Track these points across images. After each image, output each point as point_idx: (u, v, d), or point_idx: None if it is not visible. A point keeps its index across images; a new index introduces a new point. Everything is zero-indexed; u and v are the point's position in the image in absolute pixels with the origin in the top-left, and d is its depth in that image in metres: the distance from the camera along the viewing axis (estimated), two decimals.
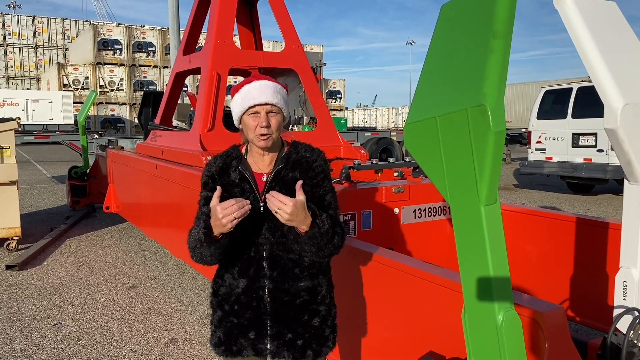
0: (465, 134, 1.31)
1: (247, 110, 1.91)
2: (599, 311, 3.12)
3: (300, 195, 1.78)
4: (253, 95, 1.89)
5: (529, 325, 1.67)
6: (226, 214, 1.74)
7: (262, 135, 1.88)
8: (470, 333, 1.45)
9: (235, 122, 2.00)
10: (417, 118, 1.48)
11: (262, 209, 1.90)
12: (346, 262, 2.64)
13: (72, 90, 35.45)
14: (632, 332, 1.79)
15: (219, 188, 1.81)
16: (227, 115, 5.95)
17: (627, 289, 1.93)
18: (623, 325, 1.85)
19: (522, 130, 19.22)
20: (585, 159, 10.63)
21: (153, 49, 38.80)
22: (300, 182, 1.82)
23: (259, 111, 1.89)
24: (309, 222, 1.79)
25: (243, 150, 2.04)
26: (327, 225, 1.82)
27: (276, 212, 1.76)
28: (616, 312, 1.93)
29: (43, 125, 31.95)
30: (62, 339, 4.07)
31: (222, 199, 1.90)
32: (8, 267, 5.87)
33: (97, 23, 39.44)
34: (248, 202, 1.78)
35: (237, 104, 1.94)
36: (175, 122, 7.36)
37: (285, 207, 1.74)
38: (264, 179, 1.96)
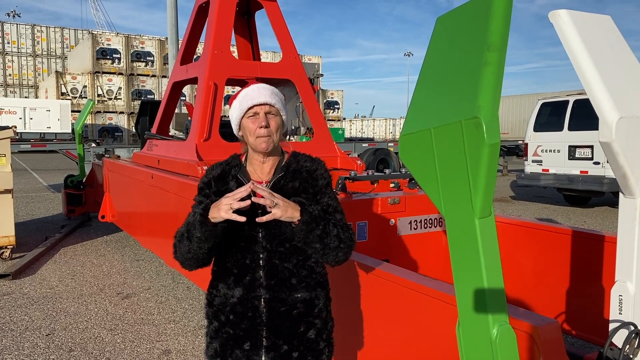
0: (459, 147, 1.30)
1: (246, 112, 1.91)
2: (595, 325, 3.10)
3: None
4: (251, 97, 1.90)
5: (523, 339, 1.65)
6: (227, 201, 1.73)
7: (262, 136, 1.87)
8: (464, 347, 1.44)
9: (235, 130, 1.99)
10: (411, 130, 1.47)
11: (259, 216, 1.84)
12: (341, 274, 2.62)
13: (70, 99, 35.52)
14: (627, 346, 1.78)
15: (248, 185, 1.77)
16: (224, 125, 5.95)
17: (622, 303, 1.91)
18: (619, 339, 1.84)
19: (519, 142, 19.30)
20: (581, 172, 10.65)
21: (151, 58, 38.95)
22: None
23: (258, 112, 1.89)
24: (298, 211, 1.77)
25: (243, 159, 2.04)
26: (317, 211, 1.81)
27: (272, 207, 1.73)
28: (612, 326, 1.92)
29: (40, 133, 31.95)
30: (54, 349, 4.03)
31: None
32: (1, 276, 5.83)
33: (96, 32, 39.61)
34: (248, 201, 1.75)
35: (236, 108, 1.94)
36: (172, 132, 7.36)
37: (276, 198, 1.74)
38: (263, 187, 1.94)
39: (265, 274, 1.88)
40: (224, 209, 1.72)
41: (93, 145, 16.01)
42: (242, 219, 1.73)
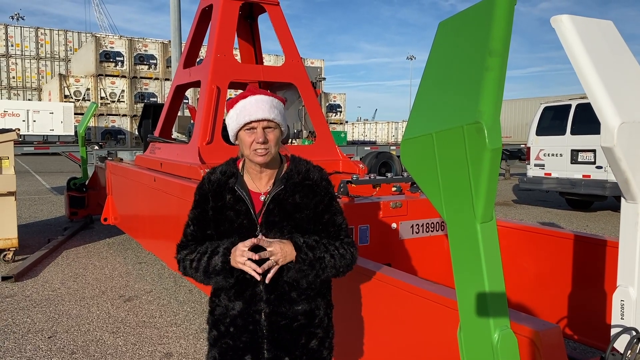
0: (461, 151, 1.31)
1: (243, 126, 1.87)
2: (596, 330, 3.09)
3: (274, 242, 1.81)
4: (249, 111, 1.85)
5: (525, 344, 1.65)
6: (240, 253, 1.79)
7: (258, 151, 1.84)
8: (465, 351, 1.44)
9: (232, 138, 1.96)
10: (413, 134, 1.48)
11: (257, 233, 1.87)
12: (342, 278, 2.62)
13: (73, 102, 35.56)
14: (629, 352, 1.78)
15: (253, 240, 1.81)
16: (226, 128, 5.97)
17: (624, 308, 1.91)
18: (620, 344, 1.83)
19: (522, 145, 19.27)
20: (584, 176, 10.64)
21: (154, 61, 38.98)
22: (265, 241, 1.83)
23: (255, 127, 1.85)
24: (294, 255, 1.82)
25: (240, 166, 1.99)
26: (311, 255, 1.83)
27: (275, 263, 1.80)
28: (613, 331, 1.92)
29: (43, 136, 31.98)
30: (56, 352, 4.04)
31: (215, 221, 1.92)
32: (4, 279, 5.84)
33: (99, 35, 39.66)
34: (257, 255, 1.79)
35: (233, 120, 1.90)
36: (175, 135, 7.38)
37: (275, 255, 1.79)
38: (262, 199, 1.91)
39: (265, 288, 1.88)
40: (240, 260, 1.78)
41: (96, 147, 16.04)
42: (258, 277, 1.79)
